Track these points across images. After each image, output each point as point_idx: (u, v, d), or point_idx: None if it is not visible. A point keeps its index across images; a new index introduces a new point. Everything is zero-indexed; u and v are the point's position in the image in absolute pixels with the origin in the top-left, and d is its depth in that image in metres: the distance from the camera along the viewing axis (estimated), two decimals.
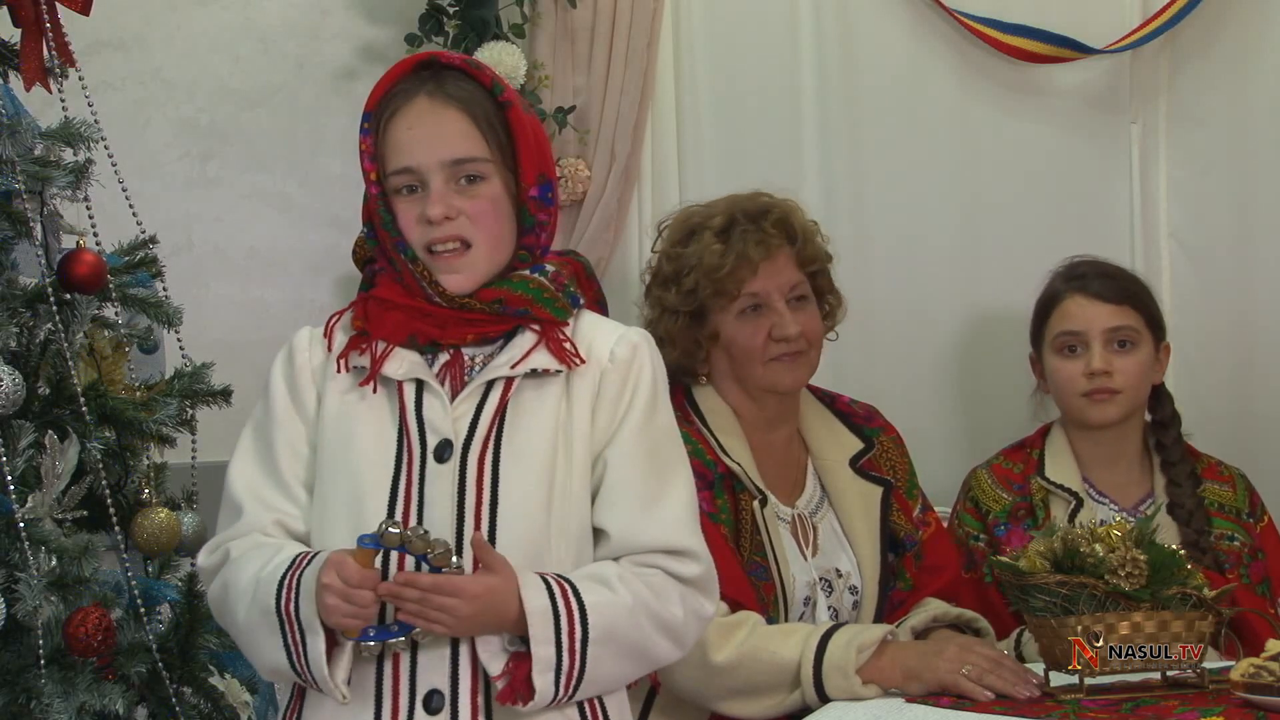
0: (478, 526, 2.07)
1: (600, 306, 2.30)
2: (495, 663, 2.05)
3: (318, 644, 2.01)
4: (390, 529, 1.99)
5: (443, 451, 2.10)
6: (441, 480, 2.07)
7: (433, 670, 2.06)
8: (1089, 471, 3.05)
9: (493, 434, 2.11)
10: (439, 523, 2.05)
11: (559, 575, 2.07)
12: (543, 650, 2.02)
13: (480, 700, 2.06)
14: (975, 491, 3.06)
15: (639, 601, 2.07)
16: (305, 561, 2.04)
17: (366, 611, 2.00)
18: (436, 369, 2.15)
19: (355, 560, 1.99)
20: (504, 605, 2.02)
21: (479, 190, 2.14)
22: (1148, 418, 3.12)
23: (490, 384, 2.13)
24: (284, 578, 2.03)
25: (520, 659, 2.04)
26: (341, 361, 2.15)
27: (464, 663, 2.07)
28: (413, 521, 2.07)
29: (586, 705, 2.13)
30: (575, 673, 2.04)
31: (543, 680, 2.03)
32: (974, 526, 3.03)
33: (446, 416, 2.11)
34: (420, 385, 2.13)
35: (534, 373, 2.13)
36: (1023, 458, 3.09)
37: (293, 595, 2.02)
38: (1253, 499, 3.09)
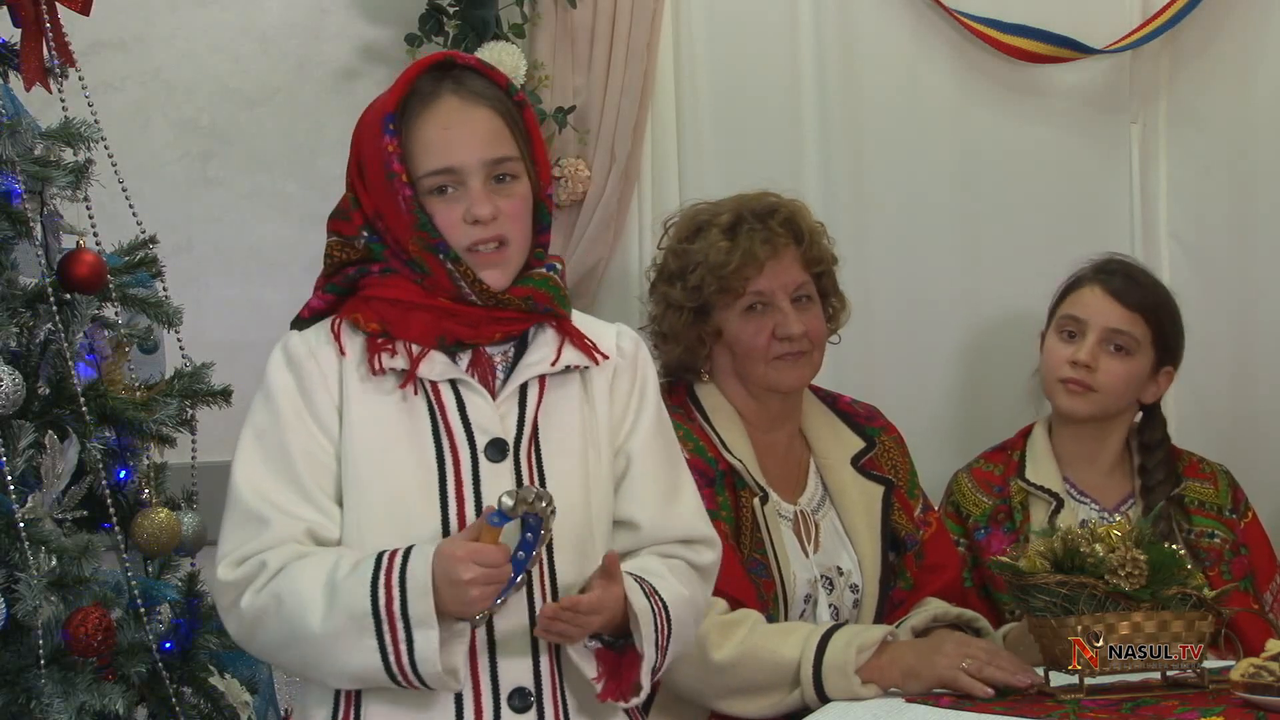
0: None
1: None
2: (587, 663, 2.08)
3: (430, 639, 1.99)
4: (516, 500, 1.97)
5: (496, 450, 2.10)
6: (499, 479, 2.08)
7: (516, 669, 2.09)
8: (1070, 471, 3.05)
9: (534, 431, 2.13)
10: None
11: (634, 574, 2.11)
12: (650, 650, 2.07)
13: (560, 696, 2.10)
14: (956, 495, 3.06)
15: (691, 594, 2.16)
16: (400, 559, 2.01)
17: (503, 586, 2.02)
18: (464, 368, 2.15)
19: (485, 540, 1.99)
20: (619, 610, 2.07)
21: (513, 189, 2.14)
22: (1136, 420, 3.11)
23: (524, 382, 2.14)
24: (376, 578, 2.00)
25: (609, 657, 2.09)
26: (375, 364, 2.11)
27: (544, 660, 2.10)
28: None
29: None
30: (661, 667, 2.11)
31: (648, 679, 2.08)
32: (955, 531, 3.03)
33: (494, 415, 2.12)
34: (455, 385, 2.13)
35: (563, 369, 2.16)
36: (1003, 460, 3.09)
37: (395, 594, 1.99)
38: (1235, 495, 3.09)
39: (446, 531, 2.07)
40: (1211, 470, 3.10)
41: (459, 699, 2.07)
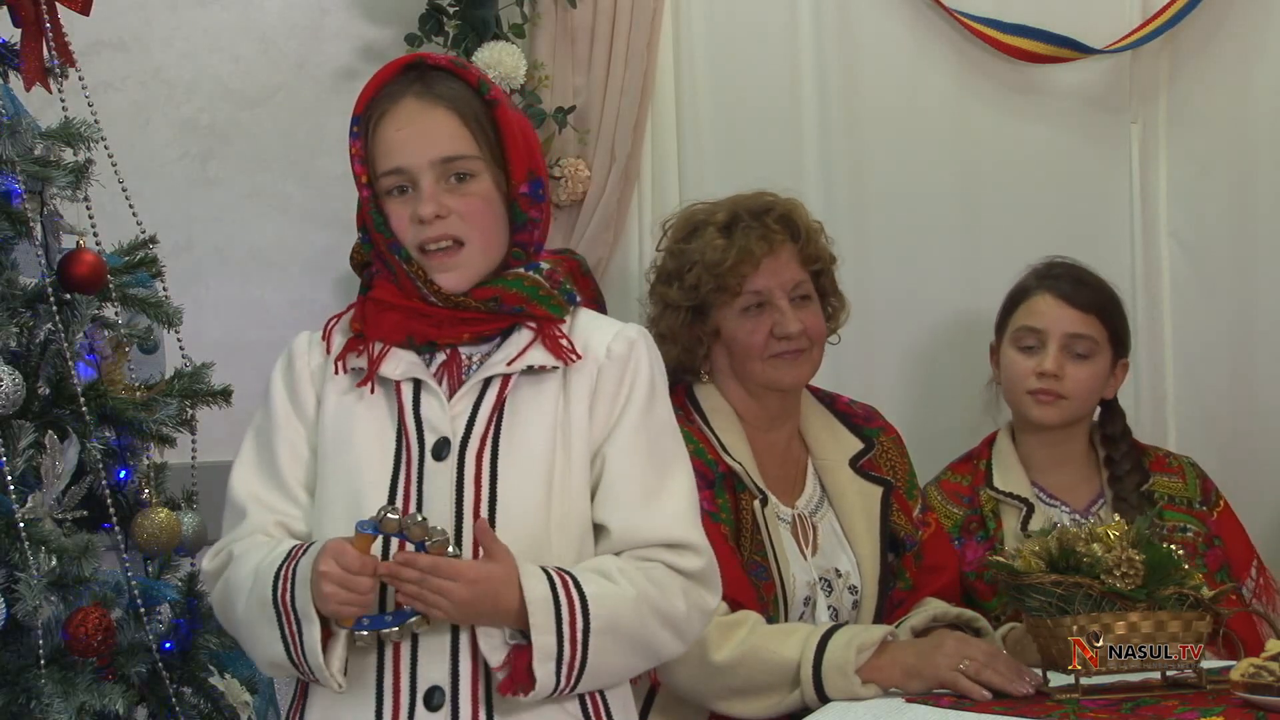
0: (476, 523, 2.07)
1: (597, 304, 2.31)
2: (496, 654, 2.05)
3: (313, 632, 2.01)
4: (389, 515, 2.00)
5: (440, 449, 2.11)
6: (440, 478, 2.08)
7: (433, 666, 2.07)
8: (1038, 476, 3.05)
9: (490, 431, 2.12)
10: (438, 520, 2.06)
11: (560, 568, 2.08)
12: (543, 639, 2.03)
13: (481, 695, 2.07)
14: None
15: (641, 594, 2.09)
16: (301, 552, 2.05)
17: (364, 598, 2.01)
18: (434, 368, 2.16)
19: (354, 546, 2.00)
20: (504, 593, 2.02)
21: (469, 188, 2.15)
22: (1096, 419, 3.11)
23: (487, 381, 2.14)
24: (280, 568, 2.05)
25: (521, 651, 2.05)
26: (339, 363, 2.16)
27: (464, 658, 2.07)
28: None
29: (589, 700, 2.14)
30: (577, 663, 2.05)
31: (543, 670, 2.03)
32: None
33: (444, 414, 2.12)
34: (418, 384, 2.14)
35: (531, 370, 2.14)
36: (970, 470, 3.08)
37: (289, 585, 2.03)
38: (1204, 486, 3.08)
39: None
40: (1179, 463, 3.10)
41: (380, 695, 2.08)
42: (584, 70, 3.57)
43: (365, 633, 2.03)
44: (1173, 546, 2.41)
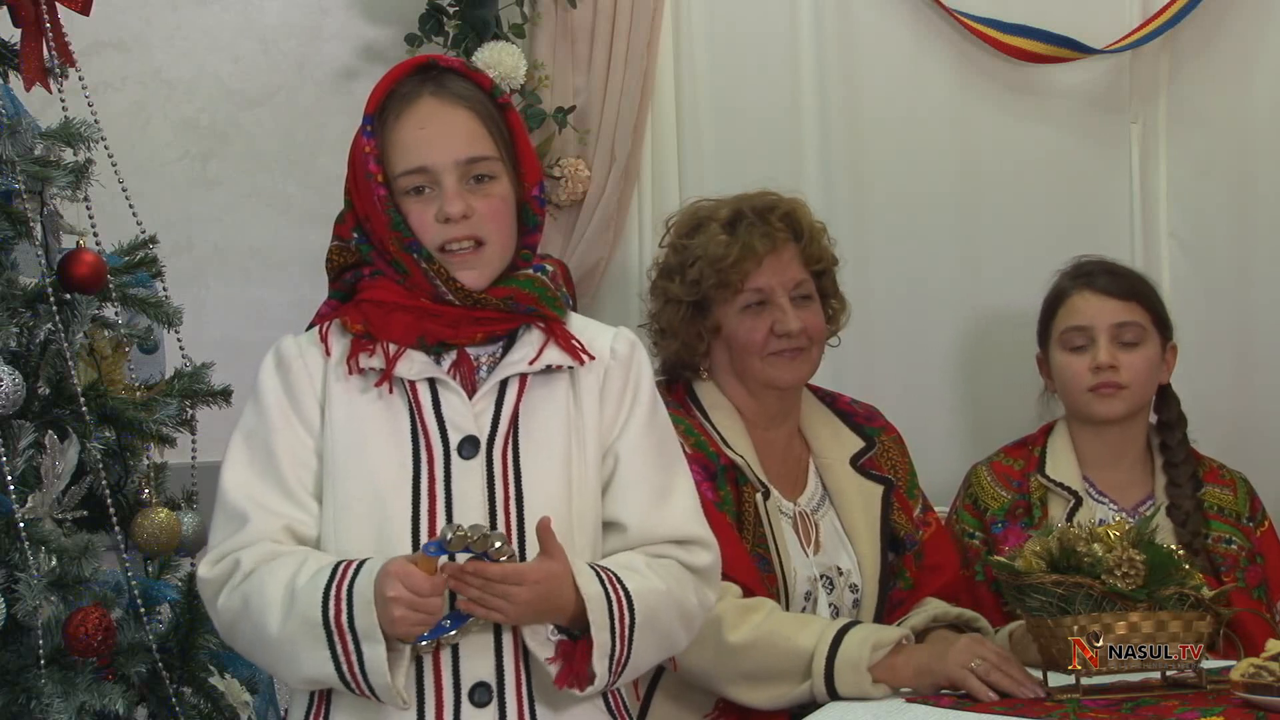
0: (507, 520, 2.09)
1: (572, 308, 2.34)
2: (544, 649, 2.07)
3: (378, 652, 1.99)
4: (454, 534, 1.99)
5: (466, 448, 2.11)
6: (470, 476, 2.09)
7: (478, 663, 2.08)
8: (1090, 470, 3.05)
9: (511, 430, 2.13)
10: (470, 518, 2.06)
11: (599, 565, 2.10)
12: (601, 636, 2.06)
13: (524, 691, 2.09)
14: (975, 488, 3.06)
15: (669, 589, 2.13)
16: (353, 571, 2.02)
17: (434, 618, 2.01)
18: (446, 368, 2.16)
19: (420, 568, 1.98)
20: (560, 592, 2.04)
21: (490, 189, 2.16)
22: (1153, 419, 3.12)
23: (504, 381, 2.15)
24: (329, 588, 2.02)
25: (571, 645, 2.07)
26: (352, 363, 2.14)
27: (508, 654, 2.09)
28: (440, 520, 2.08)
29: (609, 692, 2.17)
30: (624, 658, 2.08)
31: (601, 665, 2.06)
32: (971, 524, 3.03)
33: (468, 413, 2.12)
34: (434, 384, 2.14)
35: (545, 369, 2.16)
36: (1024, 455, 3.08)
37: (344, 606, 2.00)
38: (1253, 503, 3.09)
39: (417, 527, 2.08)
40: (1231, 477, 3.10)
41: (420, 694, 2.07)
42: (584, 70, 3.58)
43: (426, 643, 2.03)
44: (1177, 550, 2.41)
